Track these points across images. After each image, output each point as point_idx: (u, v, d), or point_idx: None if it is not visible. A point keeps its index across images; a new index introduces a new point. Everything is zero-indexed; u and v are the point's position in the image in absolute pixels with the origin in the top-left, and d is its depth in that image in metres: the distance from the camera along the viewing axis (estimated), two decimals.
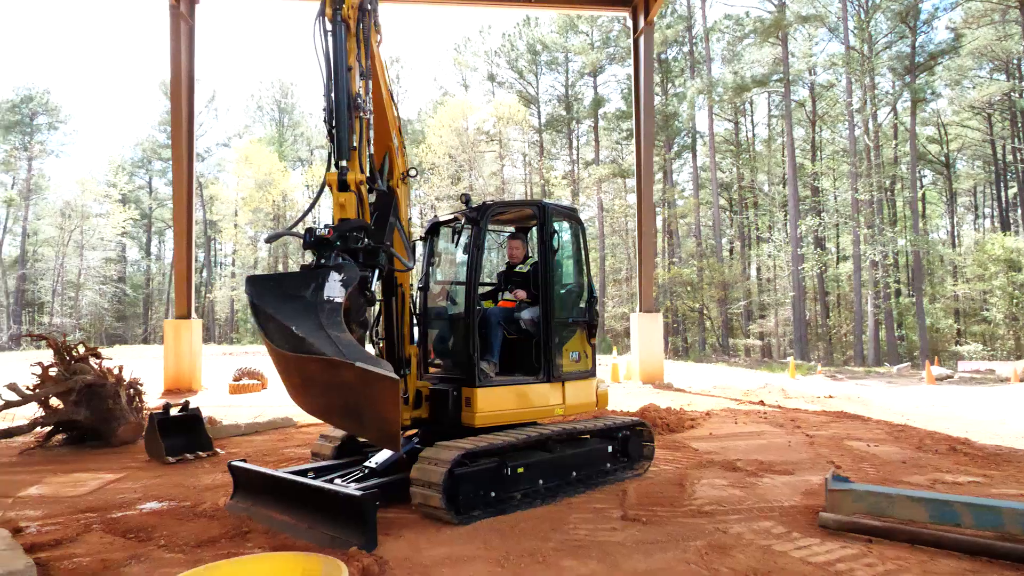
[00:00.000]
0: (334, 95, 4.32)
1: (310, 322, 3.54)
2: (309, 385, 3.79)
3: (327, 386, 3.66)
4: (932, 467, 6.20)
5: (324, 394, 3.77)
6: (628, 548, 3.99)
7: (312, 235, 4.06)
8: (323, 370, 3.48)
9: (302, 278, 3.82)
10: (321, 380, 3.62)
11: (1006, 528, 4.00)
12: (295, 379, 3.85)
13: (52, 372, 7.66)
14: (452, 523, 4.41)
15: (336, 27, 4.40)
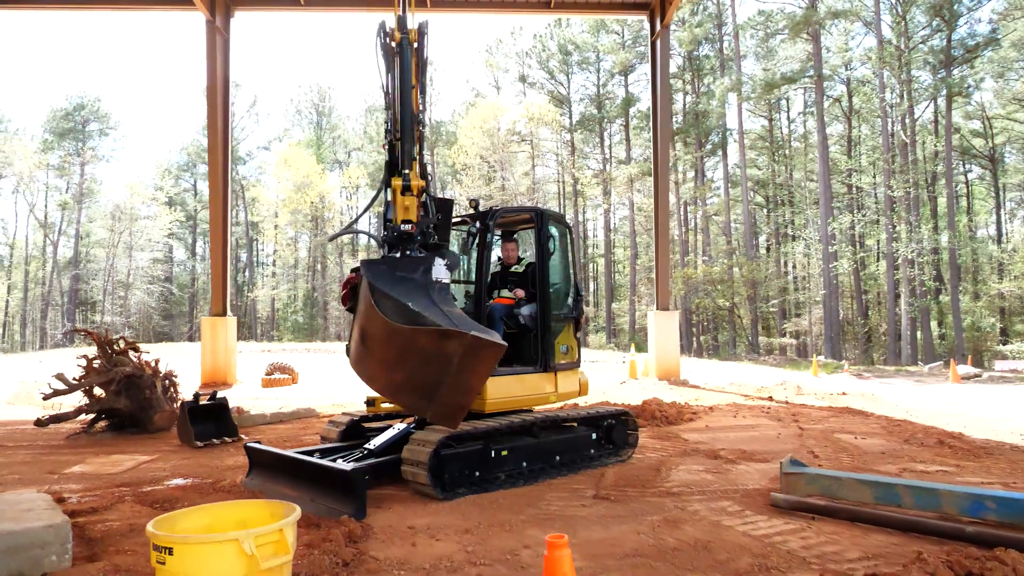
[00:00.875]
0: (399, 110, 4.89)
1: (424, 299, 4.06)
2: (403, 359, 4.08)
3: (424, 358, 3.96)
4: (909, 458, 6.45)
5: (412, 368, 4.07)
6: (590, 521, 4.42)
7: (395, 231, 4.60)
8: (432, 341, 3.86)
9: (411, 262, 4.36)
10: (423, 352, 3.95)
11: (943, 508, 4.30)
12: (392, 353, 4.15)
13: (95, 364, 8.39)
14: (438, 498, 4.90)
15: (403, 49, 4.98)
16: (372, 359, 4.27)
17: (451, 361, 3.86)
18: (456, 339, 3.78)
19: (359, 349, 4.31)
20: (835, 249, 32.44)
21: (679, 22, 38.57)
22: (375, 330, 4.08)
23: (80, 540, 4.15)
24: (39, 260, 53.89)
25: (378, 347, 4.18)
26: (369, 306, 3.97)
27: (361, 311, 4.13)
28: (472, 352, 3.81)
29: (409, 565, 3.63)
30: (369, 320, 4.05)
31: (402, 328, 3.88)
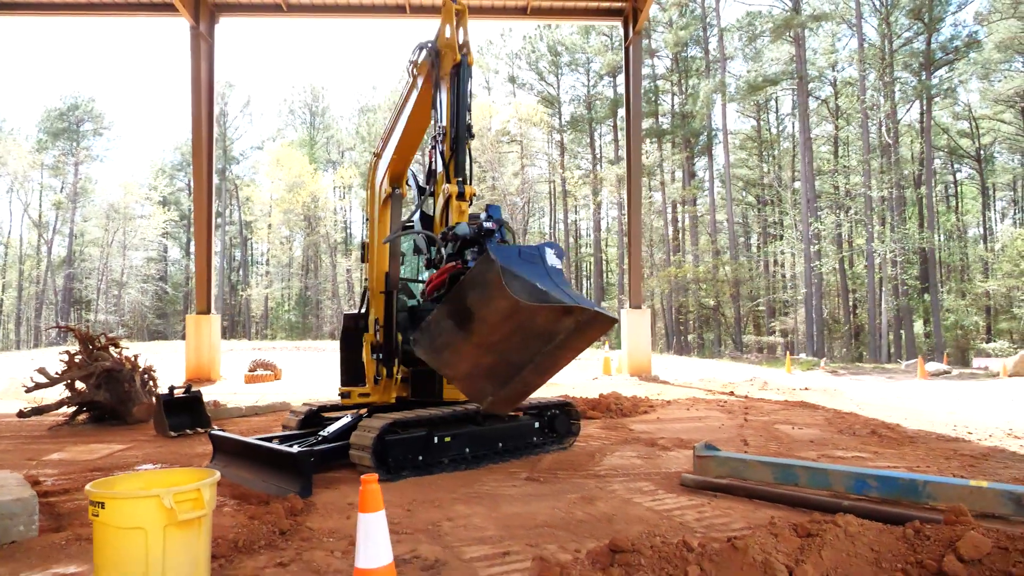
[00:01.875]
0: (456, 126, 5.29)
1: (548, 281, 4.34)
2: (510, 338, 4.21)
3: (534, 335, 4.16)
4: (834, 445, 6.90)
5: (512, 347, 4.23)
6: (514, 498, 4.86)
7: (481, 228, 4.87)
8: (554, 317, 4.07)
9: (529, 251, 4.56)
10: (535, 329, 4.15)
11: (832, 487, 4.76)
12: (499, 334, 4.24)
13: (77, 360, 8.81)
14: (381, 480, 5.32)
15: (463, 69, 5.40)
16: (468, 342, 4.31)
17: (557, 337, 4.15)
18: (576, 314, 4.07)
19: (449, 334, 4.32)
20: (817, 248, 32.93)
21: (666, 24, 39.03)
22: (494, 310, 4.14)
23: (50, 515, 4.59)
24: (33, 259, 54.20)
25: (486, 328, 4.22)
26: (498, 286, 4.04)
27: (474, 295, 4.19)
28: (586, 326, 4.13)
29: (338, 534, 4.07)
30: (490, 300, 4.12)
31: (530, 305, 4.02)
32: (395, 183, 6.59)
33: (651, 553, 3.20)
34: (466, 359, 4.42)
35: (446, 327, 4.34)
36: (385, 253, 6.49)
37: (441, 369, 4.56)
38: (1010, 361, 17.21)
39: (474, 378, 4.46)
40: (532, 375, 4.33)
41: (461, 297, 4.28)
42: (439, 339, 4.41)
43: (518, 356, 4.26)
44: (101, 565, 2.65)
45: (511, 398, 4.46)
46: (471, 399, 4.47)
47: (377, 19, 15.93)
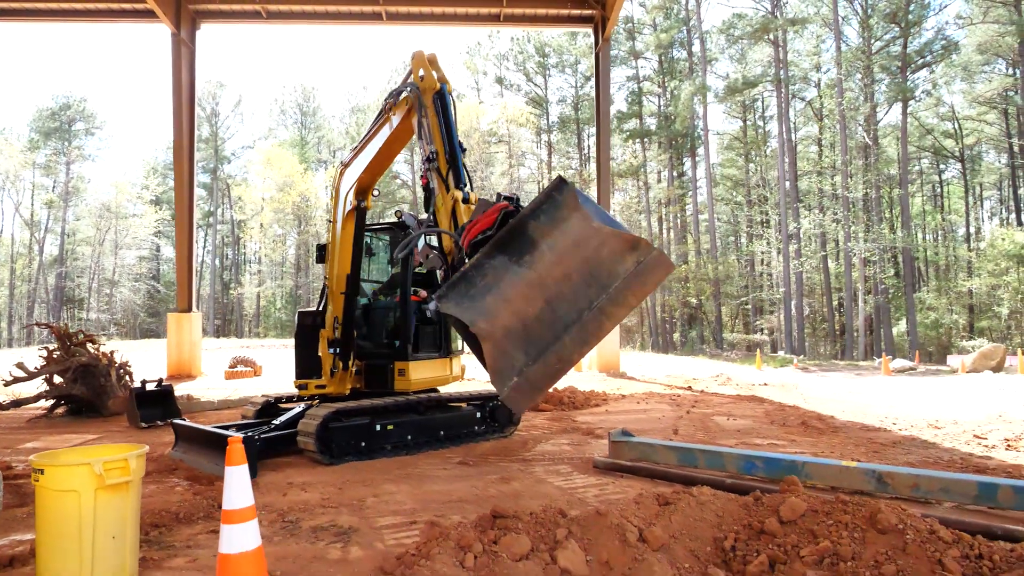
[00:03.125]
0: (448, 143, 5.41)
1: (612, 220, 4.13)
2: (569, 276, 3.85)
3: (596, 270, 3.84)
4: (756, 434, 7.41)
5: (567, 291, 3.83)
6: (441, 479, 5.36)
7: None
8: (621, 246, 3.84)
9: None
10: (601, 262, 3.84)
11: (726, 468, 5.26)
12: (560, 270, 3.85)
13: (55, 355, 9.27)
14: (325, 463, 5.83)
15: (445, 96, 5.61)
16: (519, 280, 3.81)
17: (615, 281, 3.84)
18: (642, 250, 3.85)
19: (496, 273, 3.81)
20: (796, 247, 33.48)
21: (651, 26, 39.53)
22: (562, 232, 3.80)
23: (16, 494, 5.07)
24: (25, 258, 54.47)
25: (545, 260, 3.81)
26: (573, 206, 3.79)
27: (541, 219, 3.81)
28: (646, 270, 3.85)
29: (272, 507, 4.56)
30: (559, 222, 3.79)
31: (602, 227, 3.81)
32: (361, 196, 6.89)
33: (529, 519, 3.69)
34: (510, 304, 3.79)
35: (492, 266, 3.81)
36: (347, 257, 6.92)
37: (476, 321, 3.74)
38: (969, 358, 17.74)
39: (508, 340, 3.80)
40: (572, 344, 3.82)
41: (522, 225, 3.82)
42: (480, 282, 3.80)
43: (566, 307, 3.82)
44: (42, 523, 3.13)
45: (537, 383, 3.85)
46: (493, 379, 3.83)
47: (355, 26, 16.38)
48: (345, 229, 6.95)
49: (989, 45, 36.51)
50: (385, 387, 6.65)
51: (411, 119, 5.82)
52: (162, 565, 3.56)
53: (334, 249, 6.99)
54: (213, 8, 15.53)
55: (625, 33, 40.18)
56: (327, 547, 3.77)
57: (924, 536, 2.88)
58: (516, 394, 3.85)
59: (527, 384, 3.85)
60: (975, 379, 15.59)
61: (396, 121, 6.08)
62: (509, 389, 3.84)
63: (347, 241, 6.85)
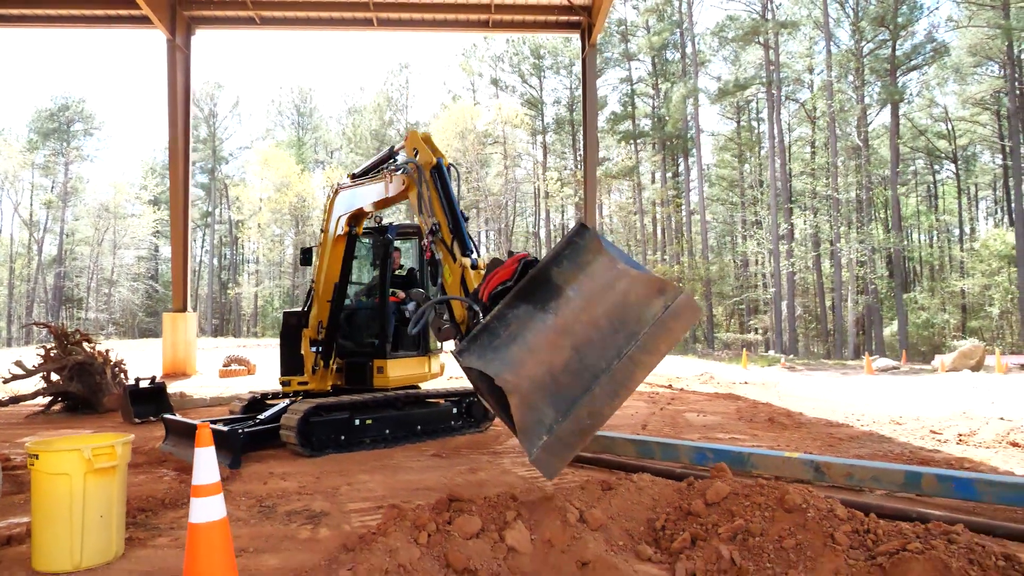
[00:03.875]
0: (449, 214, 5.29)
1: (635, 263, 4.03)
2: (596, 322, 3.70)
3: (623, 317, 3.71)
4: (721, 429, 7.76)
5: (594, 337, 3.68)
6: (414, 470, 5.70)
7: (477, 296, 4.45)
8: (647, 292, 3.73)
9: None
10: (627, 306, 3.72)
11: (680, 459, 5.61)
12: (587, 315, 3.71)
13: (52, 354, 9.61)
14: (306, 456, 6.17)
15: (443, 170, 5.48)
16: (544, 327, 3.64)
17: (643, 328, 3.69)
18: (669, 293, 3.73)
19: (519, 323, 3.64)
20: (787, 248, 33.84)
21: (644, 28, 39.88)
22: (588, 276, 3.70)
23: (14, 483, 5.42)
24: (24, 258, 54.78)
25: (571, 306, 3.66)
26: (596, 250, 3.72)
27: (564, 265, 3.71)
28: (674, 314, 3.71)
29: (252, 494, 4.90)
30: (584, 266, 3.70)
31: (629, 270, 3.71)
32: (353, 223, 7.11)
33: (482, 502, 4.04)
34: (537, 354, 3.58)
35: (516, 315, 3.63)
36: (336, 266, 7.25)
37: (502, 373, 3.50)
38: (949, 357, 18.10)
39: (536, 393, 3.57)
40: (603, 396, 3.64)
41: (545, 272, 3.69)
42: (503, 332, 3.60)
43: (595, 356, 3.64)
44: (36, 503, 3.47)
45: (569, 442, 3.62)
46: (521, 439, 3.56)
47: (346, 31, 16.71)
48: (335, 248, 7.21)
49: (979, 48, 36.90)
50: (365, 384, 7.00)
51: (410, 193, 5.77)
52: (146, 544, 3.91)
53: (323, 259, 7.29)
54: (208, 15, 15.86)
55: (618, 35, 40.52)
56: (298, 528, 4.12)
57: (823, 514, 3.23)
58: (547, 455, 3.58)
59: (558, 443, 3.59)
60: (952, 378, 15.95)
61: (393, 189, 6.07)
62: (539, 450, 3.56)
63: (336, 259, 7.16)
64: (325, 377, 7.04)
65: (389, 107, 49.54)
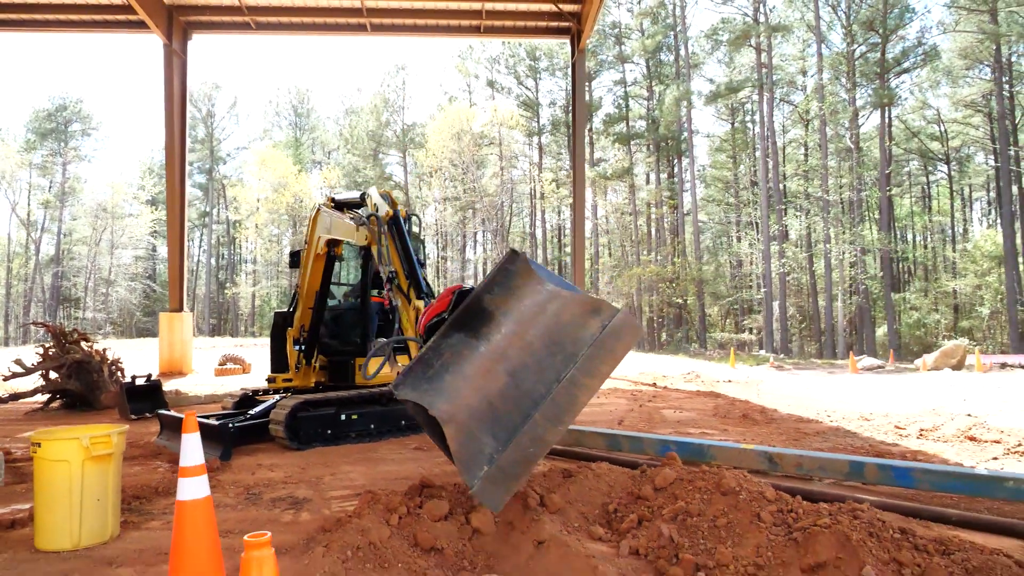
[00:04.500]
0: (412, 260, 5.55)
1: (570, 285, 4.00)
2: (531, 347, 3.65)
3: (560, 339, 3.65)
4: (694, 424, 8.10)
5: (531, 363, 3.64)
6: (394, 461, 6.03)
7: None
8: (581, 313, 3.67)
9: None
10: (563, 328, 3.67)
11: (645, 451, 5.94)
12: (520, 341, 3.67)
13: (51, 352, 9.92)
14: (294, 449, 6.50)
15: (400, 222, 5.78)
16: (477, 355, 3.63)
17: (581, 350, 3.60)
18: (605, 312, 3.63)
19: (454, 350, 3.64)
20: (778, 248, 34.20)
21: (638, 31, 40.25)
22: (519, 300, 3.68)
23: (15, 473, 5.74)
24: (22, 257, 55.01)
25: (504, 332, 3.64)
26: (526, 274, 3.71)
27: (496, 292, 3.69)
28: (612, 334, 3.61)
29: (240, 483, 5.23)
30: (515, 290, 3.68)
31: (560, 291, 3.67)
32: (332, 246, 7.38)
33: (452, 489, 4.36)
34: (471, 380, 3.55)
35: (449, 344, 3.62)
36: (317, 278, 7.57)
37: (436, 404, 3.48)
38: (931, 357, 18.45)
39: (474, 421, 3.51)
40: (545, 422, 3.52)
41: (477, 300, 3.67)
42: (436, 362, 3.59)
43: (533, 380, 3.57)
44: (39, 488, 3.80)
45: (512, 472, 3.49)
46: (461, 471, 3.48)
47: (340, 36, 17.02)
48: (316, 263, 7.51)
49: (970, 51, 37.32)
50: (347, 381, 7.33)
51: (372, 246, 6.02)
52: (140, 527, 4.23)
53: (306, 270, 7.60)
54: (204, 20, 16.17)
55: (613, 38, 40.88)
56: (281, 513, 4.45)
57: (753, 496, 3.56)
58: (490, 486, 3.42)
59: (501, 474, 3.44)
60: (932, 376, 16.29)
61: (358, 239, 6.35)
62: (480, 481, 3.41)
63: (316, 273, 7.48)
64: (308, 374, 7.37)
65: (386, 108, 49.84)
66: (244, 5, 15.44)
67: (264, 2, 15.54)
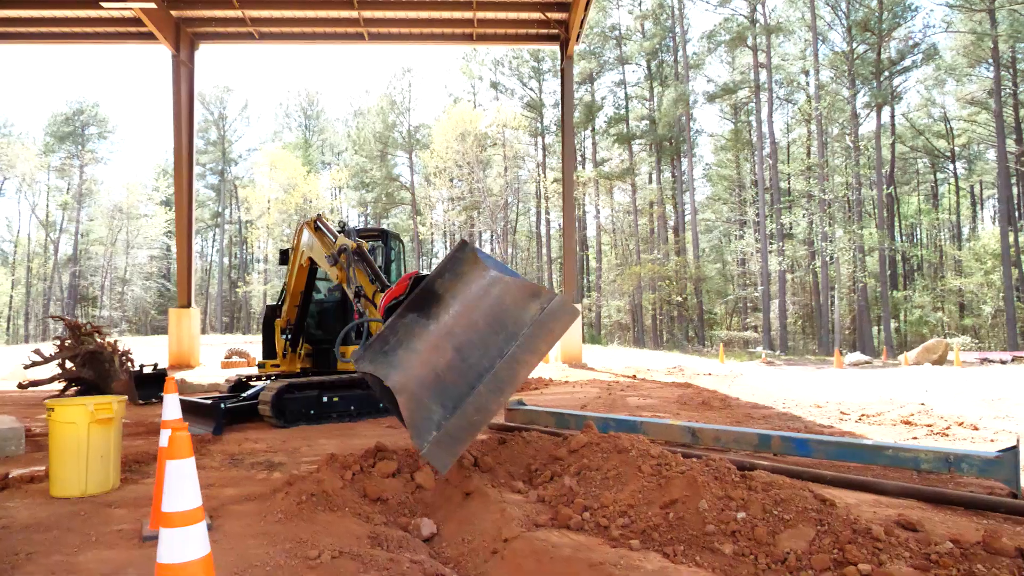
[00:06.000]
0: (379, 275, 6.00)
1: (515, 273, 4.40)
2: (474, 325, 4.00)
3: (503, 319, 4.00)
4: (651, 409, 8.78)
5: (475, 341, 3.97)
6: (367, 436, 6.77)
7: None
8: (524, 293, 4.04)
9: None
10: (506, 310, 4.02)
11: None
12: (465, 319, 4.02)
13: (67, 344, 10.77)
14: (280, 427, 7.26)
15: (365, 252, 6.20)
16: (428, 333, 3.96)
17: (522, 330, 3.98)
18: (543, 297, 4.03)
19: (407, 330, 3.97)
20: (778, 246, 34.66)
21: (640, 32, 40.83)
22: (466, 285, 4.03)
23: (34, 445, 6.55)
24: (41, 257, 56.46)
25: (451, 313, 3.98)
26: (472, 262, 4.05)
27: (446, 277, 4.05)
28: (551, 316, 4.01)
29: (226, 452, 5.99)
30: (462, 277, 4.03)
31: (503, 276, 4.03)
32: (312, 260, 7.76)
33: (402, 452, 5.10)
34: (421, 355, 3.91)
35: (404, 324, 3.97)
36: (300, 283, 8.25)
37: (390, 375, 3.85)
38: (912, 352, 18.95)
39: (423, 390, 3.87)
40: (488, 393, 3.91)
41: (429, 284, 4.05)
42: (392, 339, 3.94)
43: (477, 356, 3.95)
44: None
45: (458, 436, 3.85)
46: (412, 436, 3.82)
47: (340, 45, 17.80)
48: (299, 273, 8.09)
49: (970, 50, 37.56)
50: (330, 368, 8.09)
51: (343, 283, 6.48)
52: (137, 482, 5.00)
53: (292, 274, 8.22)
54: (209, 31, 17.01)
55: (613, 40, 41.48)
56: (257, 472, 5.21)
57: (641, 453, 4.26)
58: (437, 449, 3.78)
59: (448, 438, 3.81)
60: (911, 371, 16.84)
61: (332, 274, 6.75)
62: (429, 445, 3.78)
63: (300, 280, 8.15)
64: (294, 361, 8.14)
65: (392, 110, 50.71)
66: (247, 17, 16.26)
67: (266, 14, 16.34)
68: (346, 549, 3.43)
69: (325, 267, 6.98)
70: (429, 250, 60.25)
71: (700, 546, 3.27)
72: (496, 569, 3.49)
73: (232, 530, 3.76)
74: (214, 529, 3.77)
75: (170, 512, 1.99)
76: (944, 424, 7.62)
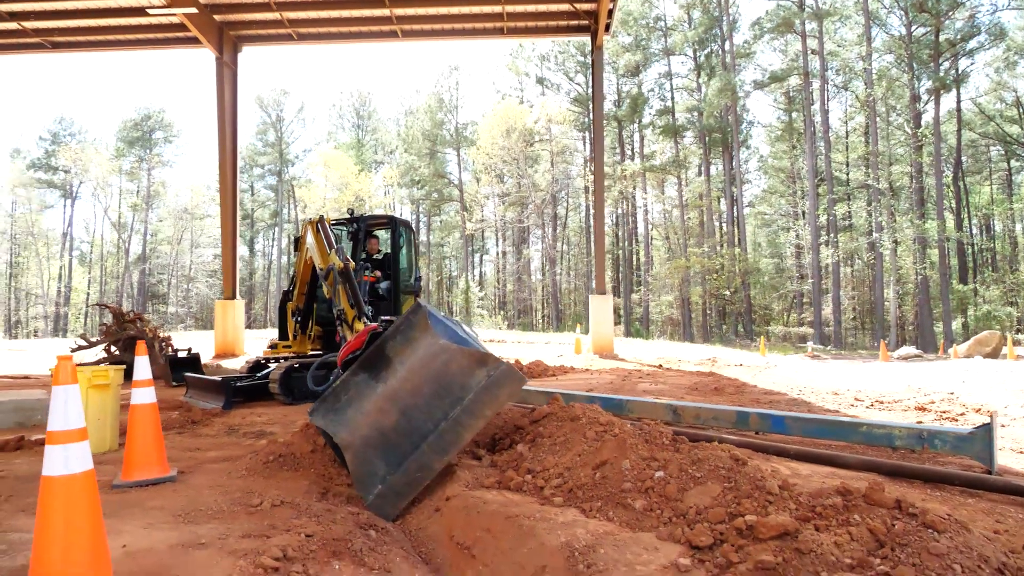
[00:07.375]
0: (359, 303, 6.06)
1: (469, 337, 4.58)
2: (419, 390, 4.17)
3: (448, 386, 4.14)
4: (658, 394, 8.79)
5: (419, 404, 4.14)
6: None
7: None
8: (470, 362, 4.14)
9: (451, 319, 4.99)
10: (451, 377, 4.15)
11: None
12: (411, 384, 4.22)
13: (111, 329, 11.51)
14: (287, 403, 7.63)
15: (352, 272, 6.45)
16: (375, 394, 4.20)
17: (467, 395, 4.10)
18: (490, 365, 4.11)
19: (357, 389, 4.24)
20: (831, 239, 33.58)
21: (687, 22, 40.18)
22: (413, 349, 4.23)
23: None
24: (114, 256, 59.71)
25: (398, 375, 4.20)
26: (423, 327, 4.24)
27: (396, 340, 4.27)
28: (495, 384, 4.10)
29: (227, 424, 6.37)
30: (411, 341, 4.23)
31: (449, 344, 4.16)
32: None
33: None
34: (368, 416, 4.14)
35: (355, 383, 4.22)
36: (307, 276, 8.53)
37: (338, 432, 4.13)
38: (963, 346, 18.14)
39: (369, 449, 4.11)
40: (431, 453, 4.05)
41: (381, 345, 4.26)
42: (344, 397, 4.22)
43: (422, 418, 4.11)
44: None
45: (400, 491, 4.00)
46: (357, 486, 4.05)
47: (374, 43, 18.27)
48: (306, 269, 8.36)
49: None
50: (338, 348, 8.39)
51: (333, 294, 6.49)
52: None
53: (300, 263, 8.52)
54: (251, 33, 17.74)
55: (659, 31, 40.94)
56: (245, 439, 5.54)
57: (589, 420, 4.36)
58: (381, 502, 3.99)
59: (391, 492, 4.01)
60: (957, 363, 16.12)
61: (326, 289, 6.77)
62: (373, 497, 3.99)
63: (307, 271, 8.43)
64: (304, 342, 8.51)
65: (440, 108, 51.42)
66: (285, 19, 16.89)
67: (303, 15, 16.93)
68: (288, 500, 3.68)
69: (319, 276, 7.24)
70: (481, 246, 60.87)
71: (615, 502, 3.37)
72: (434, 524, 3.69)
73: (195, 482, 4.07)
74: (178, 480, 4.09)
75: (54, 431, 2.25)
76: (960, 411, 7.39)
